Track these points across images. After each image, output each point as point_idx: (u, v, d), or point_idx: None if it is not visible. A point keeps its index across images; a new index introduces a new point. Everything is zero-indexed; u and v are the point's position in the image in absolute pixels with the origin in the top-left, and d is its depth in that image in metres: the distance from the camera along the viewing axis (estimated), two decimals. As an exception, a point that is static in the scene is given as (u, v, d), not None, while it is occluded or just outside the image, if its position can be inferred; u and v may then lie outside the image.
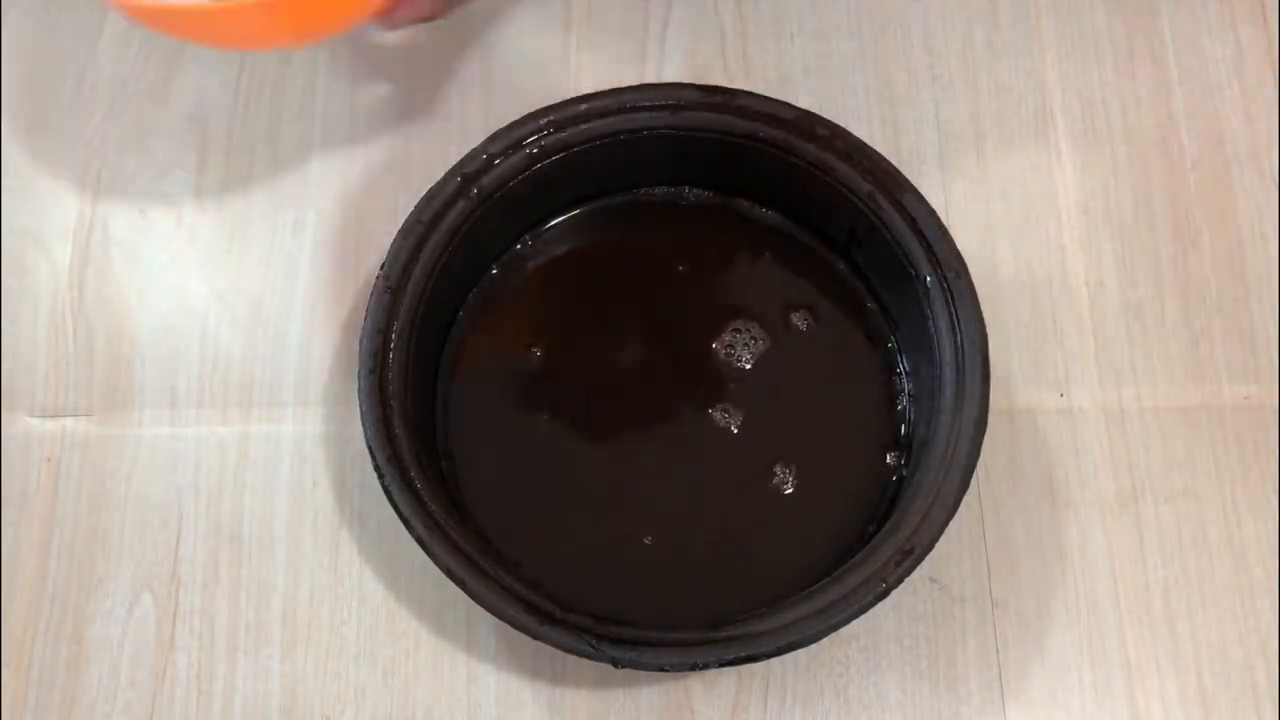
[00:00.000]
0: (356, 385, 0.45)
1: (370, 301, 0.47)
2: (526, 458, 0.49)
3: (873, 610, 0.42)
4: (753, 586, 0.46)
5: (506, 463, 0.49)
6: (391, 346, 0.46)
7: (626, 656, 0.41)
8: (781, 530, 0.48)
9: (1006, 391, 0.51)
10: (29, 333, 0.53)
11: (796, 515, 0.48)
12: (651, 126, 0.50)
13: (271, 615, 0.49)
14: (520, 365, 0.51)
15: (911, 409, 0.49)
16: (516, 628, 0.42)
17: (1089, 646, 0.48)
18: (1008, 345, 0.52)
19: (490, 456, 0.49)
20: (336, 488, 0.51)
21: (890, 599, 0.42)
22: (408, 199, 0.48)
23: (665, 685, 0.48)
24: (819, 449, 0.49)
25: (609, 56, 0.57)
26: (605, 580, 0.47)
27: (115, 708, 0.48)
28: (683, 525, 0.48)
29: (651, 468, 0.49)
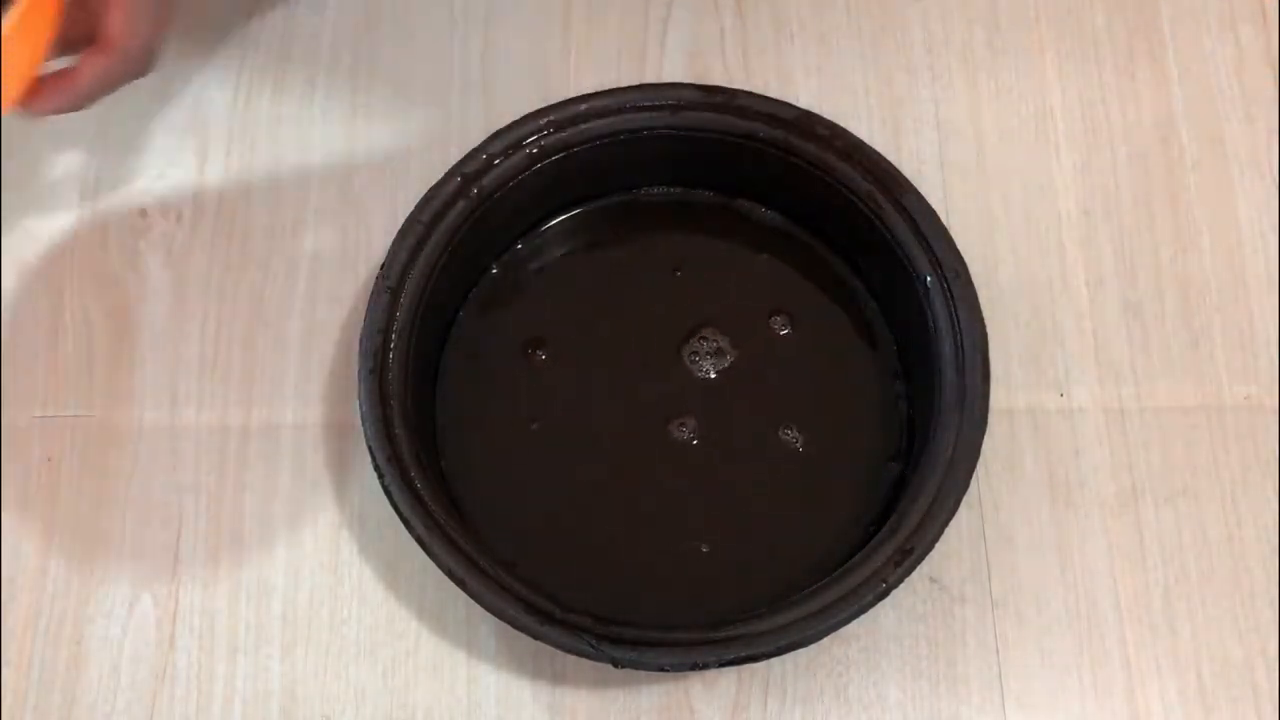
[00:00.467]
0: (356, 385, 0.45)
1: (370, 301, 0.47)
2: (526, 457, 0.49)
3: (873, 610, 0.42)
4: (753, 586, 0.46)
5: (506, 462, 0.49)
6: (391, 346, 0.46)
7: (626, 656, 0.41)
8: (782, 530, 0.48)
9: (1006, 391, 0.51)
10: (29, 333, 0.53)
11: (797, 515, 0.48)
12: (651, 126, 0.50)
13: (271, 615, 0.49)
14: (520, 365, 0.51)
15: (911, 409, 0.49)
16: (516, 628, 0.42)
17: (1089, 646, 0.48)
18: (1008, 345, 0.52)
19: (490, 456, 0.49)
20: (336, 488, 0.51)
21: (890, 599, 0.42)
22: (408, 199, 0.48)
23: (665, 685, 0.48)
24: (819, 449, 0.49)
25: (609, 56, 0.57)
26: (605, 580, 0.47)
27: (115, 708, 0.48)
28: (683, 525, 0.48)
29: (651, 467, 0.49)
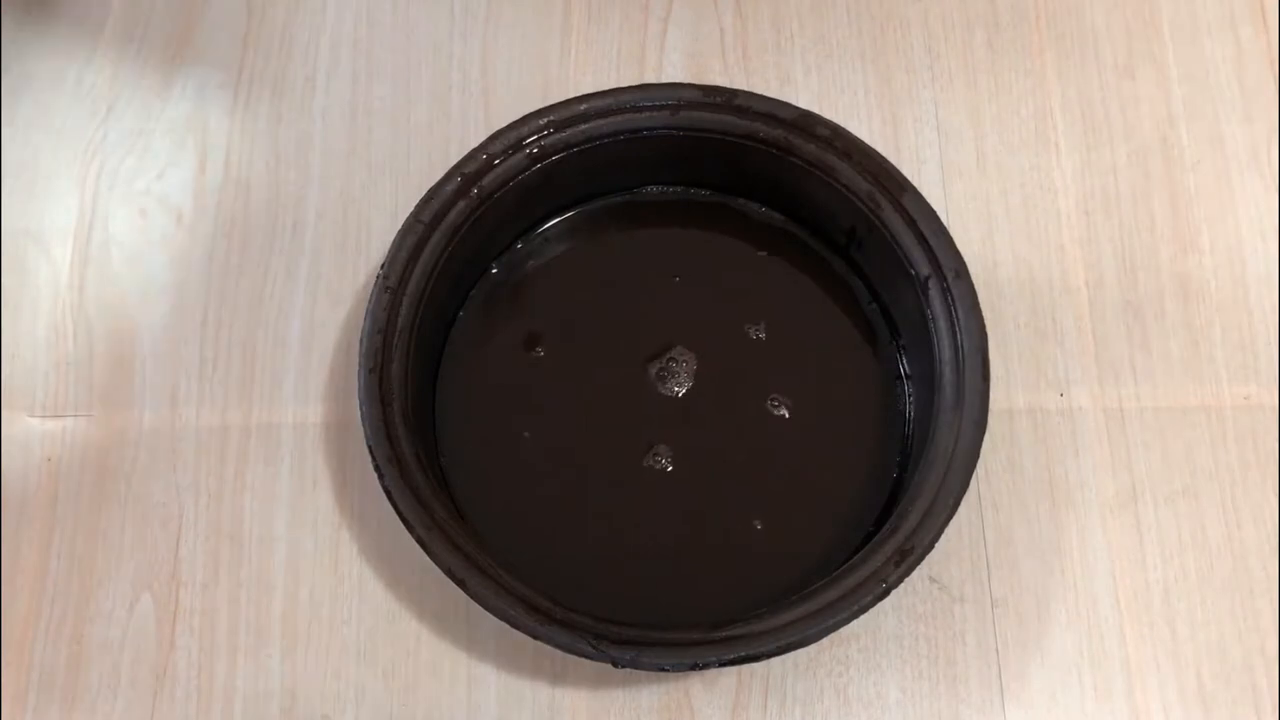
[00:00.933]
0: (356, 385, 0.45)
1: (370, 301, 0.47)
2: (526, 457, 0.49)
3: (873, 610, 0.42)
4: (753, 586, 0.46)
5: (506, 461, 0.49)
6: (392, 346, 0.46)
7: (626, 656, 0.41)
8: (782, 530, 0.48)
9: (1006, 391, 0.51)
10: (29, 333, 0.53)
11: (797, 515, 0.48)
12: (651, 126, 0.50)
13: (271, 615, 0.49)
14: (520, 365, 0.51)
15: (911, 409, 0.49)
16: (516, 628, 0.42)
17: (1089, 646, 0.48)
18: (1008, 345, 0.52)
19: (490, 456, 0.49)
20: (336, 488, 0.51)
21: (890, 599, 0.42)
22: (408, 199, 0.48)
23: (665, 685, 0.48)
24: (819, 449, 0.49)
25: (609, 56, 0.57)
26: (605, 580, 0.47)
27: (115, 708, 0.48)
28: (684, 524, 0.48)
29: (651, 466, 0.49)
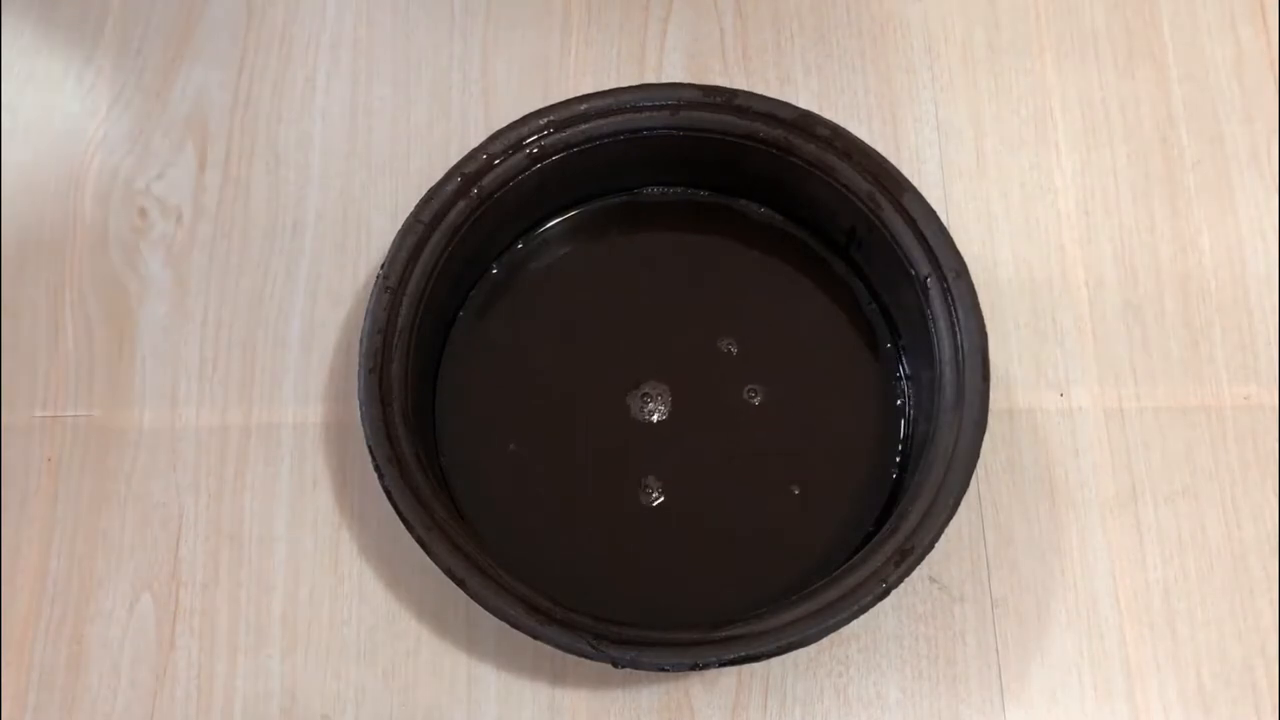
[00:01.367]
0: (356, 385, 0.45)
1: (370, 301, 0.47)
2: (526, 457, 0.49)
3: (873, 610, 0.42)
4: (753, 586, 0.46)
5: (506, 462, 0.49)
6: (392, 346, 0.46)
7: (626, 656, 0.41)
8: (782, 530, 0.48)
9: (1006, 391, 0.51)
10: (29, 332, 0.53)
11: (797, 515, 0.48)
12: (651, 126, 0.50)
13: (271, 615, 0.49)
14: (520, 365, 0.51)
15: (912, 409, 0.49)
16: (516, 628, 0.42)
17: (1089, 646, 0.48)
18: (1008, 345, 0.52)
19: (490, 456, 0.49)
20: (336, 488, 0.51)
21: (890, 599, 0.42)
22: (408, 199, 0.48)
23: (665, 685, 0.48)
24: (819, 449, 0.49)
25: (609, 56, 0.57)
26: (605, 580, 0.47)
27: (115, 708, 0.48)
28: (684, 524, 0.48)
29: (652, 462, 0.49)
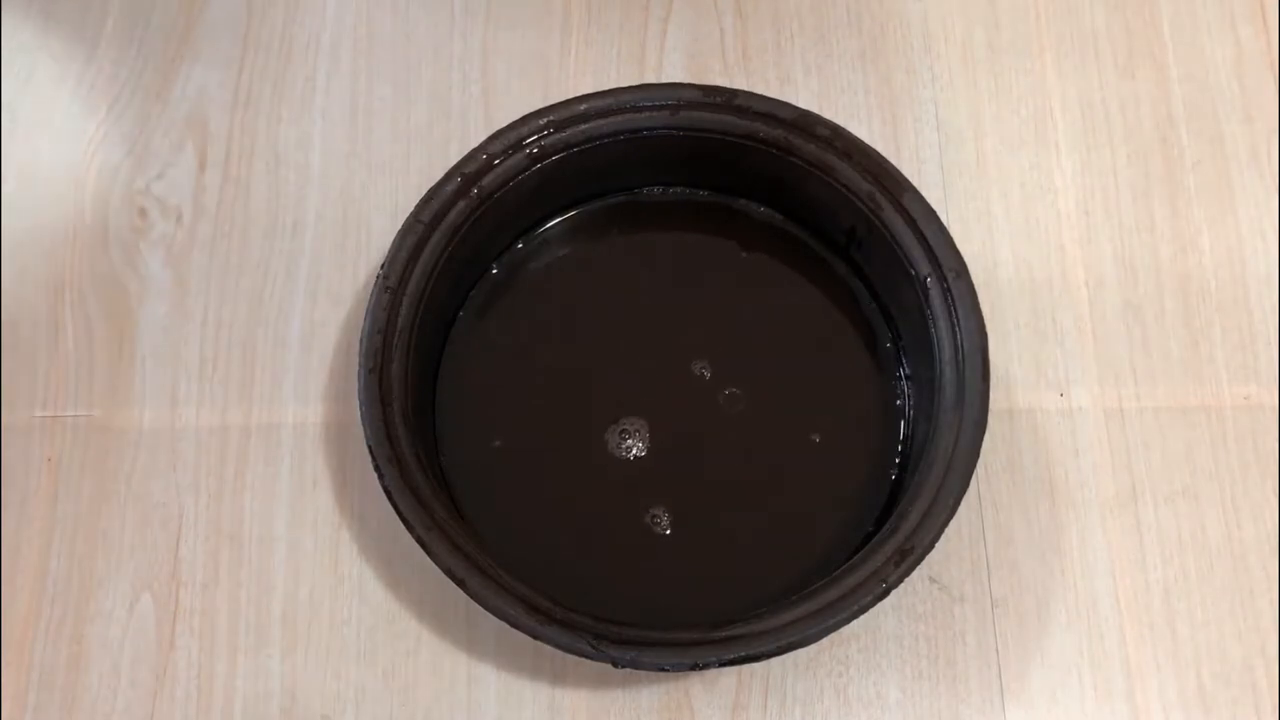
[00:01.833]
0: (356, 385, 0.45)
1: (370, 301, 0.47)
2: (526, 457, 0.49)
3: (873, 610, 0.42)
4: (753, 586, 0.46)
5: (506, 462, 0.49)
6: (392, 346, 0.46)
7: (626, 656, 0.41)
8: (782, 530, 0.48)
9: (1006, 391, 0.51)
10: (29, 332, 0.53)
11: (797, 515, 0.48)
12: (651, 126, 0.50)
13: (271, 615, 0.49)
14: (520, 364, 0.51)
15: (912, 409, 0.49)
16: (516, 628, 0.42)
17: (1089, 646, 0.48)
18: (1008, 345, 0.52)
19: (490, 456, 0.49)
20: (336, 488, 0.51)
21: (890, 599, 0.42)
22: (408, 199, 0.48)
23: (665, 685, 0.48)
24: (819, 448, 0.49)
25: (609, 56, 0.57)
26: (605, 580, 0.47)
27: (115, 708, 0.48)
28: (684, 524, 0.48)
29: (652, 466, 0.49)
